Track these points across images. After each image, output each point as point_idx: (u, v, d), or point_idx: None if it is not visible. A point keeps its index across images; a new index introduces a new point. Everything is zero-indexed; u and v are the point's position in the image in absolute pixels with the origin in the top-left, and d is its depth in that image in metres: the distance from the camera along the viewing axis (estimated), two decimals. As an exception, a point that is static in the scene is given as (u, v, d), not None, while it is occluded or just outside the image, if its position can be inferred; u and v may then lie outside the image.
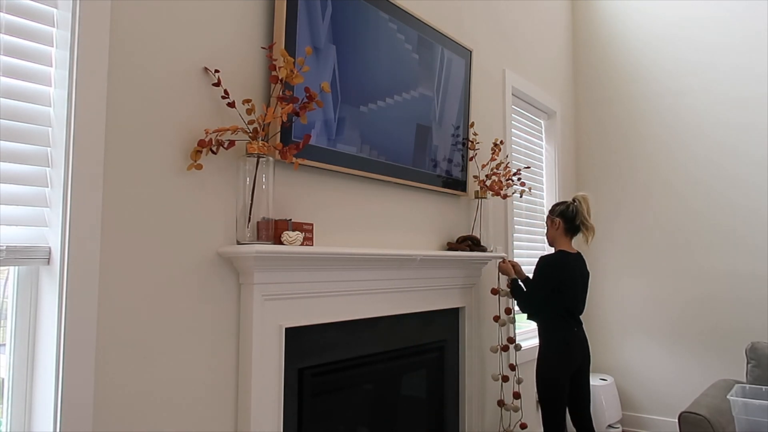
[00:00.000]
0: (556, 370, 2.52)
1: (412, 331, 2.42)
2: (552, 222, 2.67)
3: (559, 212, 2.66)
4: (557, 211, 2.67)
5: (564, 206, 2.67)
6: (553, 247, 2.71)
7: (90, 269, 1.34)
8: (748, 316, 3.63)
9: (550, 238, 2.70)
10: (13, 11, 1.30)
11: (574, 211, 2.64)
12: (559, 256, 2.60)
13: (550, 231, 2.69)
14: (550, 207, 2.74)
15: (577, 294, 2.61)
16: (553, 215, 2.68)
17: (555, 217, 2.66)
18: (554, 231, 2.67)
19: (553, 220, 2.66)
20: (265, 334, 1.71)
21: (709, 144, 3.85)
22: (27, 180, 1.32)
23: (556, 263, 2.57)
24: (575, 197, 2.68)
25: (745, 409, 2.45)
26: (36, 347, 1.34)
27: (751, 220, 3.66)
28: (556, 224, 2.66)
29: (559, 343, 2.54)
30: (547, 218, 2.71)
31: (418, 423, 2.48)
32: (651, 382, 3.96)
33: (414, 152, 2.43)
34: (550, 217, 2.68)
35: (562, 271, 2.55)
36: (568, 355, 2.54)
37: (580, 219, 2.63)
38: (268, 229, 1.68)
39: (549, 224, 2.70)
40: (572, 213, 2.64)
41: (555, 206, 2.70)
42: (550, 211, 2.70)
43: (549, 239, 2.71)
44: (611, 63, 4.29)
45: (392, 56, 2.30)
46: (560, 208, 2.67)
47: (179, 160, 1.57)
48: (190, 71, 1.61)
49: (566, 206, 2.66)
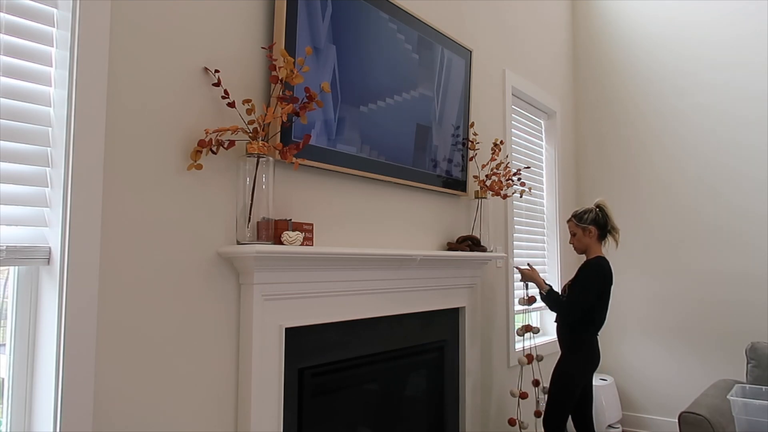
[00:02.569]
0: (578, 372, 2.57)
1: (412, 331, 2.42)
2: (585, 230, 2.69)
3: (591, 220, 2.68)
4: (588, 219, 2.69)
5: (593, 214, 2.70)
6: (585, 254, 2.73)
7: (90, 269, 1.34)
8: (748, 316, 3.63)
9: (584, 246, 2.71)
10: (13, 11, 1.30)
11: (605, 217, 2.70)
12: (605, 262, 2.63)
13: (584, 240, 2.70)
14: (576, 216, 2.73)
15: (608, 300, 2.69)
16: (584, 224, 2.69)
17: (588, 226, 2.68)
18: (588, 239, 2.69)
19: (587, 228, 2.68)
20: (265, 334, 1.71)
21: (709, 144, 3.85)
22: (27, 180, 1.32)
23: (604, 270, 2.61)
24: (598, 203, 2.72)
25: (745, 409, 2.45)
26: (36, 347, 1.34)
27: (751, 220, 3.66)
28: (590, 232, 2.68)
29: (585, 345, 2.59)
30: (576, 227, 2.72)
31: (418, 423, 2.48)
32: (651, 382, 3.96)
33: (414, 152, 2.43)
34: (582, 226, 2.69)
35: (607, 278, 2.62)
36: (593, 357, 2.61)
37: (610, 224, 2.70)
38: (268, 229, 1.68)
39: (581, 233, 2.70)
40: (603, 219, 2.69)
41: (582, 215, 2.71)
42: (579, 220, 2.71)
43: (582, 248, 2.72)
44: (611, 63, 4.29)
45: (392, 56, 2.30)
46: (590, 216, 2.69)
47: (179, 160, 1.57)
48: (190, 71, 1.61)
49: (595, 213, 2.69)
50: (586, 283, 2.58)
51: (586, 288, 2.57)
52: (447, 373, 2.65)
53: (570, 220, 2.76)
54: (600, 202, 2.73)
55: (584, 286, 2.58)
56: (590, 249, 2.71)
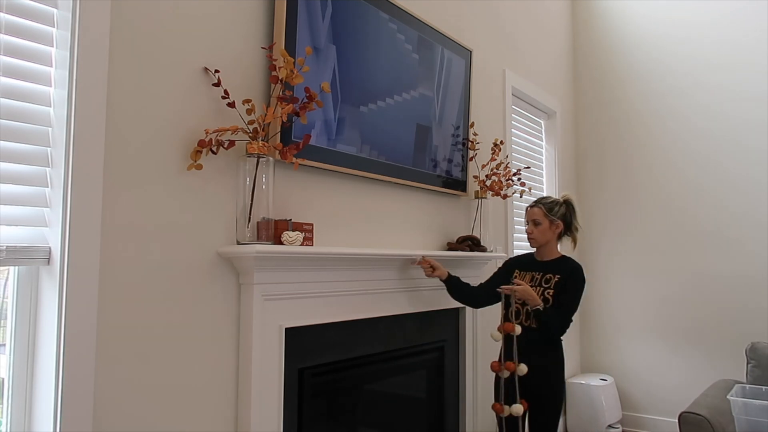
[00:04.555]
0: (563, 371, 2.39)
1: (412, 331, 2.42)
2: (552, 224, 2.38)
3: (561, 215, 2.40)
4: (558, 213, 2.39)
5: (563, 208, 2.41)
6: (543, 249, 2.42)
7: (90, 269, 1.34)
8: (748, 316, 3.63)
9: (543, 241, 2.39)
10: (13, 11, 1.30)
11: (571, 214, 2.43)
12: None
13: (548, 233, 2.38)
14: (546, 205, 2.40)
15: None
16: (554, 216, 2.38)
17: (557, 220, 2.38)
18: (551, 233, 2.39)
19: (555, 222, 2.38)
20: (265, 334, 1.71)
21: (709, 144, 3.84)
22: (27, 180, 1.32)
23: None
24: (566, 198, 2.44)
25: (745, 410, 2.45)
26: (36, 347, 1.34)
27: (751, 221, 3.66)
28: (556, 227, 2.39)
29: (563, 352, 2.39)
30: (545, 217, 2.38)
31: (418, 423, 2.48)
32: (651, 382, 3.96)
33: (414, 152, 2.43)
34: (550, 218, 2.38)
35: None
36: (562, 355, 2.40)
37: (574, 222, 2.43)
38: (268, 229, 1.68)
39: (547, 225, 2.38)
40: (570, 217, 2.42)
41: (553, 206, 2.41)
42: (548, 210, 2.39)
43: (542, 241, 2.39)
44: (611, 63, 4.29)
45: (392, 56, 2.30)
46: (561, 211, 2.40)
47: (179, 160, 1.57)
48: (191, 71, 1.61)
49: (565, 208, 2.42)
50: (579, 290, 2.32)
51: (578, 296, 2.31)
52: (447, 373, 2.65)
53: (537, 207, 2.39)
54: (567, 196, 2.45)
55: (578, 294, 2.31)
56: (550, 245, 2.40)
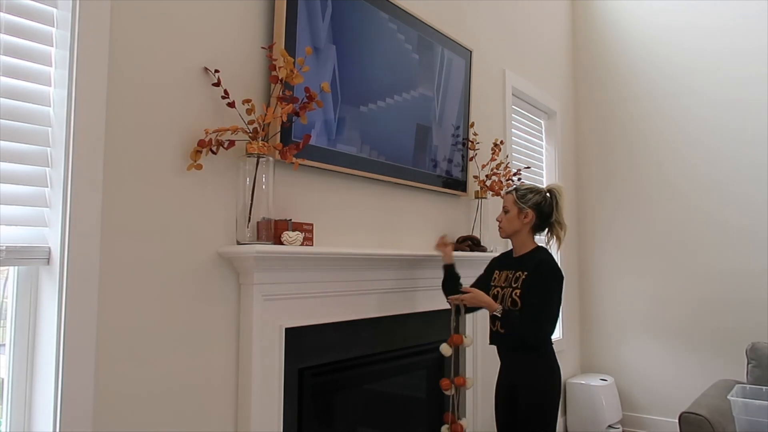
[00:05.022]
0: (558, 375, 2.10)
1: (412, 331, 2.42)
2: (521, 212, 2.13)
3: (533, 203, 2.13)
4: (531, 201, 2.13)
5: (540, 197, 2.14)
6: (513, 242, 2.20)
7: (90, 269, 1.34)
8: (749, 316, 3.63)
9: (512, 231, 2.15)
10: (13, 11, 1.30)
11: (551, 206, 2.16)
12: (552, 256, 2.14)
13: (515, 223, 2.13)
14: (518, 192, 2.17)
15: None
16: (524, 204, 2.13)
17: (527, 209, 2.12)
18: (520, 224, 2.13)
19: (524, 211, 2.12)
20: (265, 334, 1.71)
21: (709, 144, 3.84)
22: (27, 180, 1.32)
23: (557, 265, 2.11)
24: (551, 189, 2.19)
25: (746, 410, 2.45)
26: (36, 347, 1.34)
27: (751, 220, 3.66)
28: (525, 216, 2.12)
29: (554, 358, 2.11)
30: (514, 205, 2.14)
31: (418, 423, 2.48)
32: (651, 382, 3.96)
33: (414, 152, 2.43)
34: (519, 206, 2.13)
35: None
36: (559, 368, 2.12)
37: (555, 216, 2.16)
38: (268, 230, 1.68)
39: (515, 213, 2.13)
40: (549, 209, 2.15)
41: (526, 193, 2.15)
42: (520, 197, 2.14)
43: (510, 231, 2.16)
44: (611, 63, 4.29)
45: (392, 56, 2.30)
46: (534, 199, 2.13)
47: (179, 160, 1.57)
48: (190, 71, 1.61)
49: (542, 198, 2.15)
50: (547, 286, 2.02)
51: (547, 293, 2.01)
52: (447, 373, 2.65)
53: (509, 194, 2.18)
54: (555, 187, 2.19)
55: (546, 291, 2.01)
56: (520, 237, 2.15)
